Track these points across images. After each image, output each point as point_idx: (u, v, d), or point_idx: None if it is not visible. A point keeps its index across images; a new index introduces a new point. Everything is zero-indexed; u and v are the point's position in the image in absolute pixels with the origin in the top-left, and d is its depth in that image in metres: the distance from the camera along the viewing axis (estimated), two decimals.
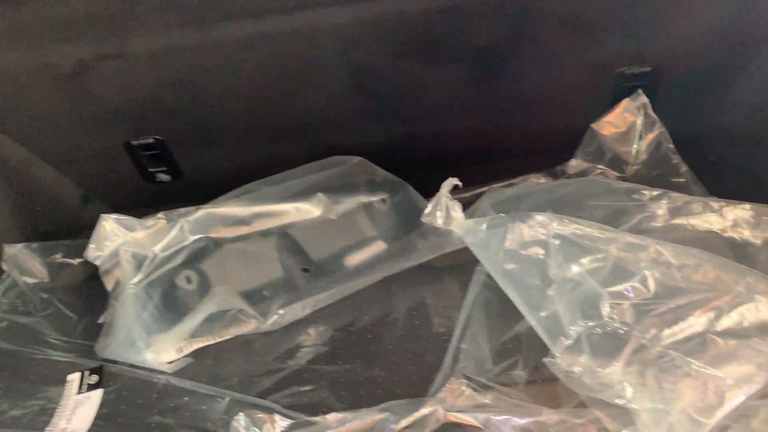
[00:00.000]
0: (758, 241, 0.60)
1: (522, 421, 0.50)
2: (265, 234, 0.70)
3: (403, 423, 0.51)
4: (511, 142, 0.89)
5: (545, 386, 0.55)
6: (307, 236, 0.72)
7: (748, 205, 0.61)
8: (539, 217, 0.60)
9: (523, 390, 0.55)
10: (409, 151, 0.87)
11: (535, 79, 0.86)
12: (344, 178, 0.77)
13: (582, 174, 0.83)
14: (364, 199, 0.75)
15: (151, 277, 0.63)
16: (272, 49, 0.77)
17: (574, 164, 0.84)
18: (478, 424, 0.51)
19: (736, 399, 0.44)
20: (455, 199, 0.84)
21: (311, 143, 0.86)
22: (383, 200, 0.76)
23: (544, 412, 0.51)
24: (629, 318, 0.50)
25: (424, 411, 0.51)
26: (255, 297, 0.65)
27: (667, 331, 0.49)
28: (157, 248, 0.64)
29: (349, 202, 0.74)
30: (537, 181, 0.88)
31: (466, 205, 0.72)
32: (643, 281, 0.51)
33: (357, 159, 0.79)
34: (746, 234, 0.61)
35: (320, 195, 0.72)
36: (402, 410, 0.51)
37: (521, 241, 0.60)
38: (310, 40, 0.77)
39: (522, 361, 0.58)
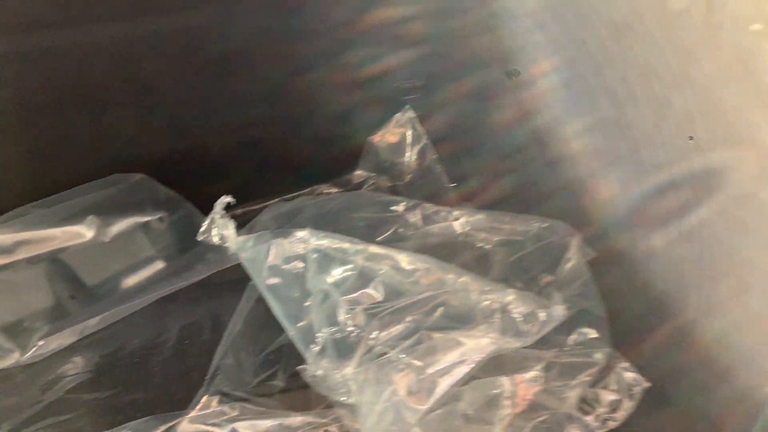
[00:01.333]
0: (489, 246, 0.68)
1: (267, 424, 0.54)
2: (33, 261, 0.69)
3: None
4: (301, 155, 0.93)
5: (299, 393, 0.59)
6: (79, 261, 0.71)
7: (482, 214, 0.69)
8: (299, 233, 0.64)
9: (279, 398, 0.59)
10: (197, 165, 0.89)
11: (320, 93, 0.91)
12: (123, 197, 0.76)
13: (365, 183, 0.89)
14: (141, 218, 0.75)
15: None
16: (47, 65, 0.76)
17: (358, 174, 0.90)
18: None
19: (443, 385, 0.51)
20: (249, 211, 0.87)
21: (95, 160, 0.84)
22: (161, 219, 0.76)
23: (290, 416, 0.55)
24: (361, 322, 0.56)
25: (165, 426, 0.53)
26: (15, 329, 0.63)
27: (388, 331, 0.55)
28: None
29: (125, 223, 0.74)
30: (328, 191, 0.93)
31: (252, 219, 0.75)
32: (375, 287, 0.57)
33: (138, 176, 0.79)
34: (481, 237, 0.69)
35: (92, 217, 0.71)
36: (145, 427, 0.53)
37: (283, 256, 0.63)
38: (83, 57, 0.76)
39: (281, 371, 0.62)
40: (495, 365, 0.54)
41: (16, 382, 0.62)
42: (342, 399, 0.53)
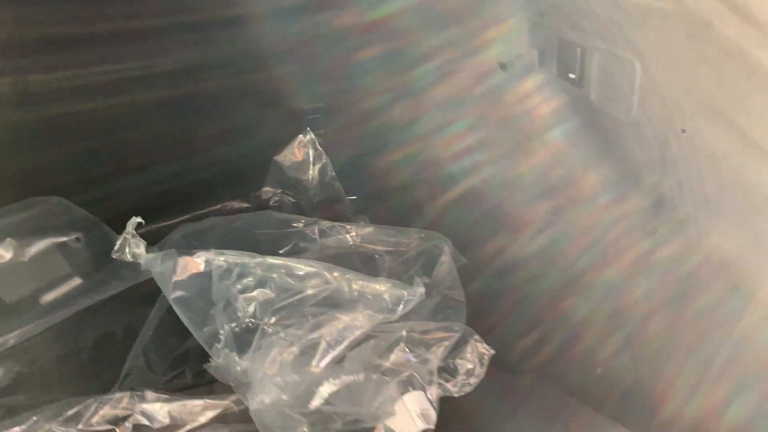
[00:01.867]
0: (377, 255, 0.78)
1: (172, 405, 0.62)
2: None
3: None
4: (212, 173, 1.00)
5: (205, 388, 0.67)
6: None
7: (371, 228, 0.79)
8: (203, 253, 0.72)
9: (186, 393, 0.66)
10: (114, 186, 0.94)
11: (224, 117, 0.99)
12: (41, 219, 0.82)
13: (271, 199, 0.97)
14: (58, 239, 0.81)
15: None
16: None
17: (266, 190, 0.98)
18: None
19: (326, 356, 0.61)
20: (162, 227, 0.94)
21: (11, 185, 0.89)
22: (77, 239, 0.82)
23: (194, 399, 0.63)
24: (257, 314, 0.65)
25: (80, 406, 0.61)
26: None
27: (279, 317, 0.64)
28: None
29: (42, 243, 0.79)
30: (237, 206, 1.01)
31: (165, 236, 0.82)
32: (270, 287, 0.66)
33: (55, 199, 0.84)
34: (370, 248, 0.78)
35: (9, 239, 0.77)
36: (59, 409, 0.61)
37: (188, 272, 0.71)
38: None
39: (188, 370, 0.70)
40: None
41: None
42: (241, 379, 0.62)
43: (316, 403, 0.60)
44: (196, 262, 0.71)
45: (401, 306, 0.66)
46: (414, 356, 0.64)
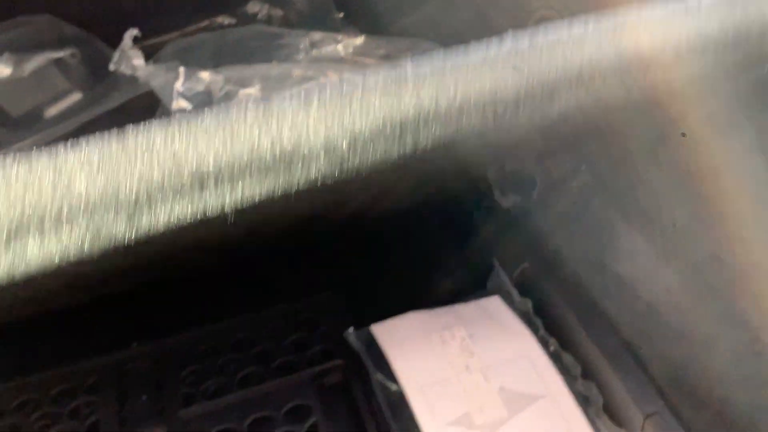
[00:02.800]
0: (370, 62, 0.80)
1: None
2: None
3: None
4: None
5: None
6: (3, 95, 0.78)
7: (362, 38, 0.80)
8: (203, 72, 0.75)
9: None
10: (100, 4, 0.93)
11: None
12: (33, 36, 0.82)
13: (258, 13, 0.97)
14: (54, 54, 0.82)
15: None
16: None
17: (252, 3, 0.97)
18: None
19: None
20: (151, 45, 0.95)
21: None
22: (73, 54, 0.83)
23: None
24: None
25: None
26: None
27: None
28: None
29: (39, 59, 0.80)
30: (224, 22, 1.00)
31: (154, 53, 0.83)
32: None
33: (45, 17, 0.84)
34: (361, 59, 0.81)
35: (7, 54, 0.78)
36: None
37: (190, 84, 0.74)
38: None
39: None
40: None
41: None
42: None
43: None
44: (199, 76, 0.74)
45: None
46: None
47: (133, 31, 0.78)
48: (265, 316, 0.67)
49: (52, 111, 0.80)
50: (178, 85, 0.74)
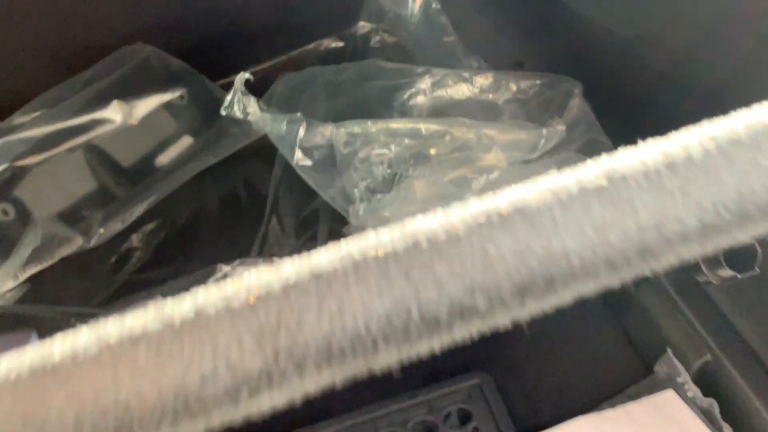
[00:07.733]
0: (499, 102, 0.73)
1: None
2: (71, 150, 0.73)
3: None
4: (300, 10, 0.92)
5: None
6: (113, 144, 0.75)
7: (490, 74, 0.73)
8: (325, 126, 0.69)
9: None
10: (198, 32, 0.89)
11: None
12: (138, 74, 0.78)
13: (369, 36, 0.90)
14: (163, 97, 0.78)
15: None
16: None
17: (362, 25, 0.91)
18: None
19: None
20: (257, 71, 0.89)
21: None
22: (182, 96, 0.79)
23: None
24: (392, 164, 0.65)
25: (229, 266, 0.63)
26: (72, 217, 0.70)
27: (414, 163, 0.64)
28: None
29: (148, 103, 0.77)
30: (332, 45, 0.94)
31: (260, 83, 0.78)
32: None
33: (148, 49, 0.80)
34: (490, 97, 0.73)
35: (116, 101, 0.74)
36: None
37: (312, 138, 0.69)
38: None
39: (320, 231, 0.71)
40: None
41: (86, 265, 0.69)
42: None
43: None
44: (321, 132, 0.68)
45: (542, 142, 0.64)
46: None
47: (244, 75, 0.72)
48: None
49: (163, 159, 0.77)
50: (300, 141, 0.69)
